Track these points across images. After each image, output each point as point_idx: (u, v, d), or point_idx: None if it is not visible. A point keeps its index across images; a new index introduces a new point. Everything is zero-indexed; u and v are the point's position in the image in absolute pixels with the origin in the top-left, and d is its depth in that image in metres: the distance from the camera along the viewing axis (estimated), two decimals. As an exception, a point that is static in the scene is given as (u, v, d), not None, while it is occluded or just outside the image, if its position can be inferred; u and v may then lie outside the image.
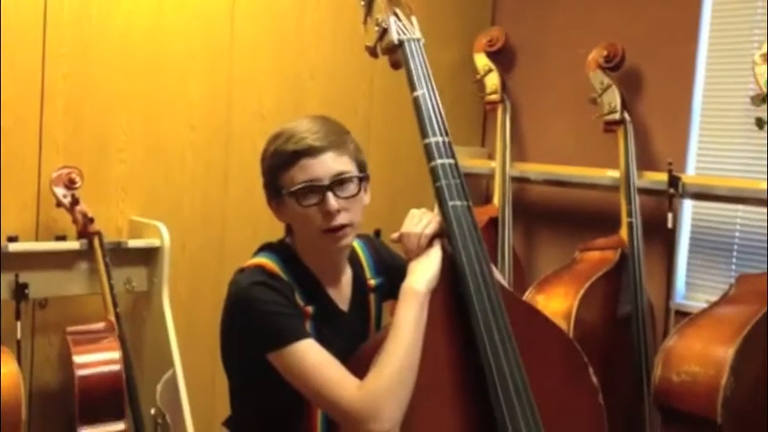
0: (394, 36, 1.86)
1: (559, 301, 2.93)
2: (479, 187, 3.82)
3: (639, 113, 3.36)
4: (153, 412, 2.80)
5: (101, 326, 2.72)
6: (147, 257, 2.92)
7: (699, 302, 3.09)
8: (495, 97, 3.67)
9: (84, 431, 2.59)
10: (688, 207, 3.31)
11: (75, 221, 2.76)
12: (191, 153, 3.12)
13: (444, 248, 1.72)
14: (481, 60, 3.72)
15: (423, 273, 1.67)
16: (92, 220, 2.75)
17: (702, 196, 3.18)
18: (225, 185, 3.21)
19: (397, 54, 1.88)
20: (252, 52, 3.25)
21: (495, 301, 1.68)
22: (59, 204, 2.74)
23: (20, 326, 2.66)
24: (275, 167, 1.71)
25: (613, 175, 3.26)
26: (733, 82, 3.17)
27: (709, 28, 3.26)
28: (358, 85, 3.52)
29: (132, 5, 2.94)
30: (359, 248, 1.88)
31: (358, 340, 1.75)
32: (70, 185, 2.74)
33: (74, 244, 2.76)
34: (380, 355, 1.59)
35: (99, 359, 2.66)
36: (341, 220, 1.67)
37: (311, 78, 3.40)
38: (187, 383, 2.83)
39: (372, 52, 1.95)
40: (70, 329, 2.69)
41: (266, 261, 1.71)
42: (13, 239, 2.68)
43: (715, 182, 3.12)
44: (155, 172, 3.04)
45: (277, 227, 1.83)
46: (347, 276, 1.82)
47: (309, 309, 1.68)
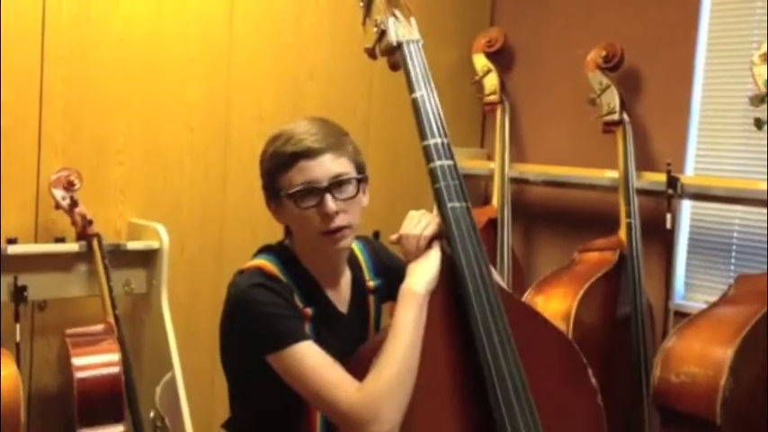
0: (393, 37, 1.86)
1: (558, 302, 2.93)
2: (478, 188, 3.82)
3: (638, 114, 3.35)
4: (152, 415, 2.80)
5: (100, 328, 2.72)
6: (146, 259, 2.92)
7: (698, 303, 3.09)
8: (493, 98, 3.67)
9: (83, 434, 2.60)
10: (687, 208, 3.31)
11: (74, 223, 2.76)
12: (189, 155, 3.13)
13: (443, 250, 1.71)
14: (480, 61, 3.72)
15: (422, 274, 1.67)
16: (91, 222, 2.75)
17: (701, 197, 3.18)
18: (223, 187, 3.21)
19: (395, 55, 1.88)
20: (250, 54, 3.25)
21: (495, 303, 1.68)
22: (58, 206, 2.74)
23: (19, 328, 2.66)
24: (274, 169, 1.71)
25: (612, 175, 3.26)
26: (732, 82, 3.16)
27: (708, 28, 3.26)
28: (357, 87, 3.52)
29: (131, 8, 2.94)
30: (358, 250, 1.88)
31: (357, 342, 1.75)
32: (69, 187, 2.74)
33: (73, 246, 2.77)
34: (380, 356, 1.59)
35: (98, 361, 2.66)
36: (339, 221, 1.67)
37: (310, 80, 3.40)
38: (186, 385, 2.82)
39: (371, 54, 1.95)
40: (69, 332, 2.69)
41: (265, 263, 1.71)
42: (12, 241, 2.68)
43: (714, 182, 3.11)
44: (153, 174, 3.05)
45: (276, 229, 1.83)
46: (346, 278, 1.81)
47: (308, 310, 1.68)
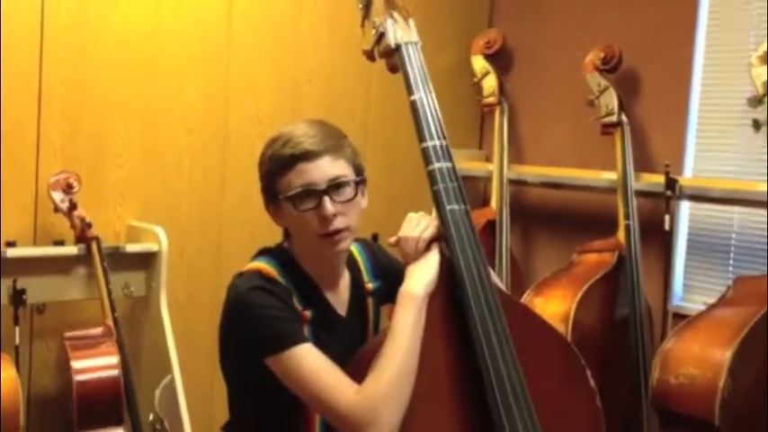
0: (391, 39, 1.86)
1: (557, 304, 2.93)
2: (477, 190, 3.82)
3: (636, 115, 3.36)
4: (151, 418, 2.80)
5: (99, 331, 2.72)
6: (145, 262, 2.92)
7: (696, 304, 3.09)
8: (492, 100, 3.67)
9: (83, 437, 2.59)
10: (685, 209, 3.31)
11: (72, 226, 2.76)
12: (188, 157, 3.12)
13: (442, 252, 1.72)
14: (478, 63, 3.72)
15: (420, 276, 1.67)
16: (89, 224, 2.75)
17: (699, 198, 3.18)
18: (222, 190, 3.21)
19: (394, 57, 1.88)
20: (249, 56, 3.25)
21: (493, 305, 1.69)
22: (57, 209, 2.74)
23: (18, 331, 2.65)
24: (272, 172, 1.71)
25: (610, 177, 3.26)
26: (730, 84, 3.16)
27: (706, 30, 3.26)
28: (355, 89, 3.52)
29: (129, 9, 2.94)
30: (357, 252, 1.88)
31: (356, 344, 1.75)
32: (68, 190, 2.74)
33: (72, 249, 2.76)
34: (378, 359, 1.59)
35: (97, 364, 2.65)
36: (337, 224, 1.67)
37: (308, 82, 3.40)
38: (185, 388, 2.82)
39: (370, 56, 1.95)
40: (68, 335, 2.68)
41: (264, 265, 1.71)
42: (11, 244, 2.68)
43: (712, 184, 3.11)
44: (152, 176, 3.04)
45: (274, 231, 1.83)
46: (345, 280, 1.81)
47: (307, 313, 1.68)
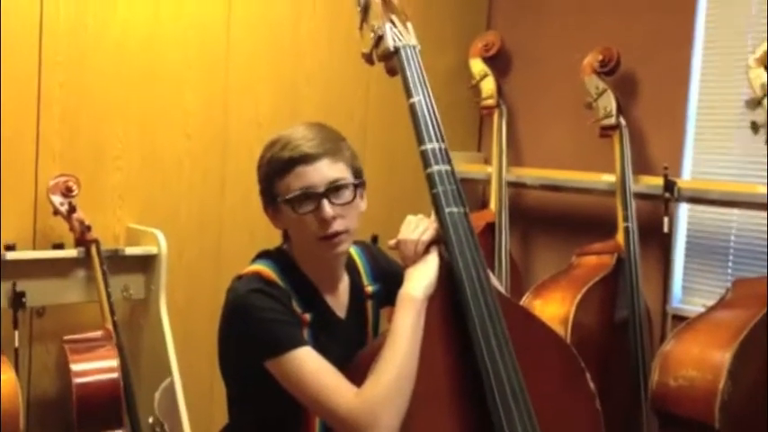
0: (390, 43, 1.87)
1: (556, 306, 2.94)
2: (476, 192, 3.82)
3: (635, 118, 3.36)
4: (151, 420, 2.80)
5: (98, 334, 2.72)
6: (145, 265, 2.92)
7: (696, 306, 3.09)
8: (491, 102, 3.67)
9: (83, 439, 2.59)
10: (684, 211, 3.31)
11: (72, 229, 2.76)
12: (187, 161, 3.13)
13: (441, 255, 1.72)
14: (477, 65, 3.72)
15: (420, 279, 1.67)
16: (89, 227, 2.75)
17: (698, 200, 3.19)
18: (221, 193, 3.21)
19: (392, 61, 1.89)
20: (248, 60, 3.25)
21: (492, 307, 1.69)
22: (56, 212, 2.74)
23: (18, 334, 2.65)
24: (271, 175, 1.71)
25: (609, 179, 3.27)
26: (728, 86, 3.17)
27: (704, 32, 3.26)
28: (354, 92, 3.52)
29: (128, 14, 2.94)
30: (356, 255, 1.88)
31: (355, 347, 1.75)
32: (67, 193, 2.74)
33: (71, 252, 2.76)
34: (378, 362, 1.59)
35: (97, 367, 2.65)
36: (336, 227, 1.67)
37: (307, 85, 3.40)
38: (185, 391, 2.82)
39: (368, 59, 1.95)
40: (67, 338, 2.69)
41: (264, 268, 1.71)
42: (10, 248, 2.68)
43: (711, 186, 3.12)
44: (151, 180, 3.05)
45: (274, 234, 1.83)
46: (344, 283, 1.82)
47: (307, 316, 1.68)
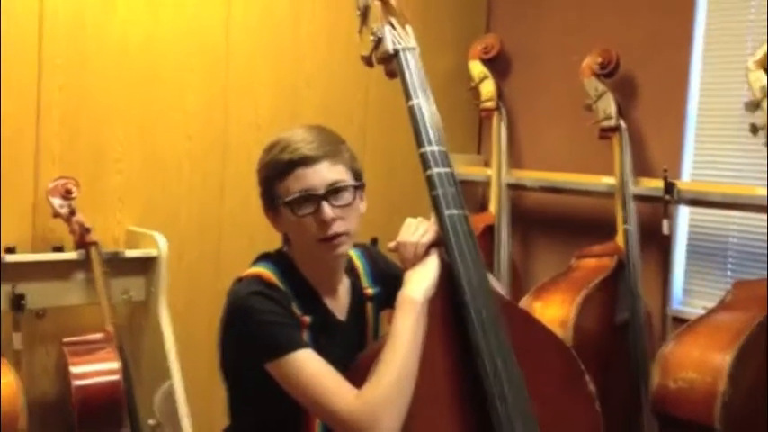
0: (389, 45, 1.87)
1: (556, 309, 2.94)
2: (475, 194, 3.82)
3: (634, 120, 3.36)
4: (151, 423, 2.80)
5: (98, 336, 2.72)
6: (145, 267, 2.92)
7: (696, 308, 3.09)
8: (490, 104, 3.67)
9: (84, 441, 2.59)
10: (684, 213, 3.31)
11: (72, 232, 2.76)
12: (187, 163, 3.13)
13: (441, 257, 1.72)
14: (476, 68, 3.72)
15: (420, 282, 1.67)
16: (89, 230, 2.75)
17: (698, 202, 3.18)
18: (221, 195, 3.22)
19: (392, 63, 1.89)
20: (248, 62, 3.26)
21: (492, 309, 1.69)
22: (56, 215, 2.74)
23: (18, 336, 2.66)
24: (271, 177, 1.71)
25: (609, 181, 3.27)
26: (727, 88, 3.17)
27: (704, 34, 3.26)
28: (354, 95, 3.53)
29: (127, 16, 2.95)
30: (356, 257, 1.88)
31: (355, 350, 1.75)
32: (67, 196, 2.75)
33: (71, 254, 2.77)
34: (378, 364, 1.59)
35: (97, 369, 2.66)
36: (336, 228, 1.68)
37: (307, 88, 3.41)
38: (185, 393, 2.82)
39: (368, 61, 1.96)
40: (67, 340, 2.69)
41: (264, 271, 1.71)
42: (10, 250, 2.68)
43: (710, 188, 3.12)
44: (151, 182, 3.05)
45: (273, 236, 1.83)
46: (344, 286, 1.82)
47: (307, 318, 1.68)
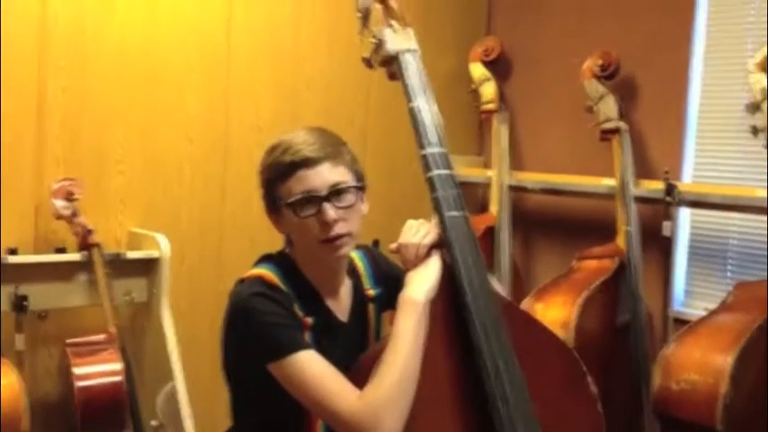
0: (389, 47, 1.87)
1: (558, 310, 2.94)
2: (476, 196, 3.82)
3: (635, 122, 3.36)
4: (154, 424, 2.80)
5: (101, 337, 2.73)
6: (147, 268, 2.93)
7: (697, 310, 3.08)
8: (491, 106, 3.67)
9: (87, 442, 2.60)
10: (685, 215, 3.31)
11: (74, 233, 2.77)
12: (189, 165, 3.13)
13: (443, 258, 1.72)
14: (477, 70, 3.72)
15: (421, 283, 1.68)
16: (91, 231, 2.76)
17: (699, 204, 3.18)
18: (222, 197, 3.22)
19: (393, 65, 1.89)
20: (248, 64, 3.26)
21: (493, 311, 1.69)
22: (59, 216, 2.75)
23: (21, 338, 2.66)
24: (273, 179, 1.72)
25: (610, 183, 3.27)
26: (728, 90, 3.17)
27: (704, 36, 3.26)
28: (354, 97, 3.53)
29: (128, 18, 2.95)
30: (358, 259, 1.88)
31: (357, 351, 1.76)
32: (70, 197, 2.75)
33: (73, 256, 2.77)
34: (380, 365, 1.59)
35: (99, 370, 2.67)
36: (339, 229, 1.68)
37: (308, 90, 3.41)
38: (188, 394, 2.83)
39: (368, 63, 1.96)
40: (70, 341, 2.70)
41: (266, 272, 1.71)
42: (12, 252, 2.69)
43: (711, 190, 3.12)
44: (153, 184, 3.05)
45: (275, 238, 1.84)
46: (346, 287, 1.82)
47: (309, 320, 1.69)
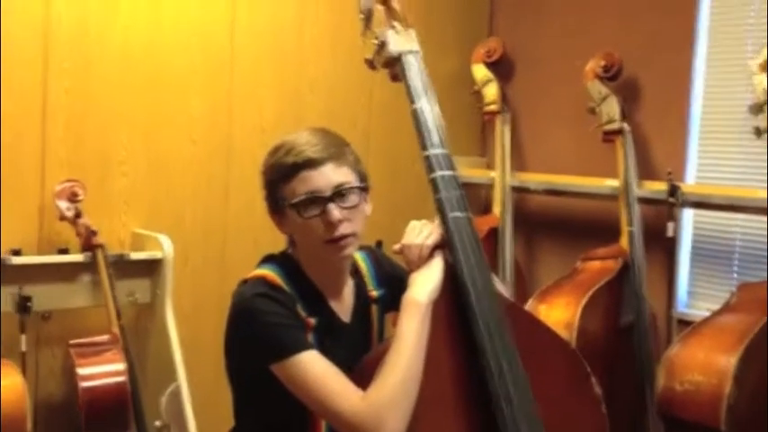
0: (392, 49, 1.87)
1: (561, 311, 2.93)
2: (479, 197, 3.82)
3: (638, 123, 3.36)
4: (158, 424, 2.81)
5: (105, 338, 2.73)
6: (150, 269, 2.93)
7: (701, 311, 3.08)
8: (494, 107, 3.67)
9: (90, 443, 2.60)
10: (689, 216, 3.30)
11: (78, 234, 2.77)
12: (192, 166, 3.14)
13: (446, 259, 1.72)
14: (480, 71, 3.72)
15: (424, 284, 1.68)
16: (95, 232, 2.76)
17: (702, 205, 3.18)
18: (226, 198, 3.22)
19: (395, 67, 1.89)
20: (252, 66, 3.26)
21: (497, 311, 1.69)
22: (62, 217, 2.75)
23: (24, 338, 2.66)
24: (276, 180, 1.72)
25: (613, 184, 3.26)
26: (731, 91, 3.16)
27: (707, 36, 3.26)
28: (357, 98, 3.53)
29: (129, 22, 2.94)
30: (361, 260, 1.89)
31: (360, 352, 1.76)
32: (73, 198, 2.76)
33: (77, 257, 2.77)
34: (383, 366, 1.59)
35: (103, 371, 2.67)
36: (343, 230, 1.68)
37: (311, 91, 3.41)
38: (191, 395, 2.83)
39: (371, 65, 1.96)
40: (73, 342, 2.70)
41: (269, 273, 1.72)
42: (16, 252, 2.69)
43: (714, 191, 3.11)
44: (156, 185, 3.06)
45: (278, 239, 1.84)
46: (349, 288, 1.82)
47: (312, 320, 1.69)
